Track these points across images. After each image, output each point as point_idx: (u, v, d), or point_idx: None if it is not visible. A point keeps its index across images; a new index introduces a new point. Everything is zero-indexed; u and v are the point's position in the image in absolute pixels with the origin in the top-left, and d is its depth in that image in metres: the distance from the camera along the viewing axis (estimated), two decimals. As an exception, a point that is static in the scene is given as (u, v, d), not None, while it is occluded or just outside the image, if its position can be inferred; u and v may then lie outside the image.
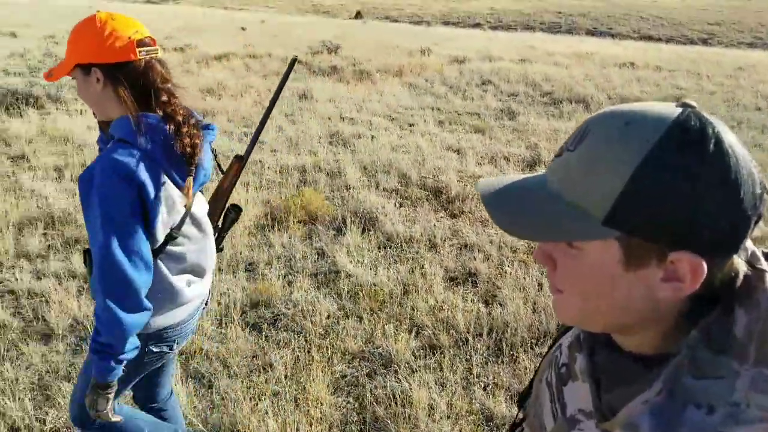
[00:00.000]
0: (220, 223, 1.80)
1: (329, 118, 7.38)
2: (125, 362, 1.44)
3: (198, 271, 1.62)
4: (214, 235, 1.73)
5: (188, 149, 1.42)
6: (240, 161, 1.73)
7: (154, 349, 1.58)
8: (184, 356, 2.85)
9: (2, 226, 4.13)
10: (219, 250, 1.80)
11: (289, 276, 3.62)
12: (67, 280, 3.52)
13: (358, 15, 34.57)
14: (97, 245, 1.36)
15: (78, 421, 1.68)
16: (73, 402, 1.68)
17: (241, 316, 3.19)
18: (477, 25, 33.50)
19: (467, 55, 12.27)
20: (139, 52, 1.41)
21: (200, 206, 1.61)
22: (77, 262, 3.69)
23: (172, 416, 1.98)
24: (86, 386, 1.50)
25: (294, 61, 1.79)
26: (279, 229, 4.20)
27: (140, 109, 1.42)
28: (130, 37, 1.40)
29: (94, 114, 1.53)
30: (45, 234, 4.11)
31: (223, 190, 1.75)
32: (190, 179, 1.44)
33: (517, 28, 33.74)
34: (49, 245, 3.99)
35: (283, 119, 7.29)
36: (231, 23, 19.37)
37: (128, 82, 1.41)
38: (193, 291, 1.61)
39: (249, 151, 1.76)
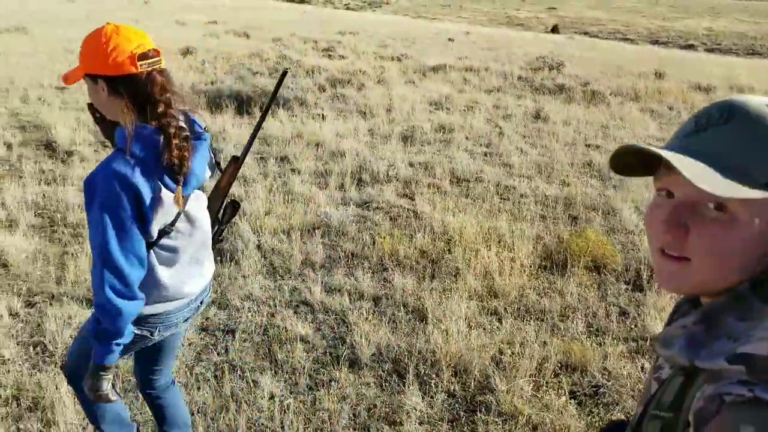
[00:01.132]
0: (220, 217, 1.94)
1: (573, 144, 6.86)
2: (122, 347, 1.62)
3: (192, 265, 1.78)
4: (214, 227, 1.90)
5: (175, 161, 1.53)
6: (236, 162, 1.86)
7: (136, 331, 1.69)
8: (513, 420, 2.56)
9: (286, 230, 4.27)
10: (219, 241, 1.98)
11: (596, 336, 3.20)
12: (358, 299, 3.47)
13: (555, 29, 33.35)
14: (97, 244, 1.52)
15: (71, 380, 2.00)
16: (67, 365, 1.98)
17: (554, 377, 2.84)
18: (689, 47, 30.45)
19: (711, 82, 10.92)
20: (141, 65, 1.52)
21: (196, 204, 1.74)
22: (362, 278, 3.64)
23: (170, 404, 2.15)
24: (80, 351, 1.83)
25: (285, 73, 1.86)
26: (561, 274, 3.80)
27: (140, 119, 1.55)
28: (132, 51, 1.51)
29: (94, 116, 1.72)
30: (324, 243, 4.16)
31: (221, 187, 1.89)
32: (179, 188, 1.56)
33: (738, 52, 30.06)
34: (329, 255, 4.02)
35: (519, 140, 6.93)
36: (435, 33, 19.59)
37: (129, 94, 1.54)
38: (184, 288, 1.77)
39: (245, 153, 1.88)
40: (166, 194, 1.57)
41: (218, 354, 3.01)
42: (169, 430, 2.19)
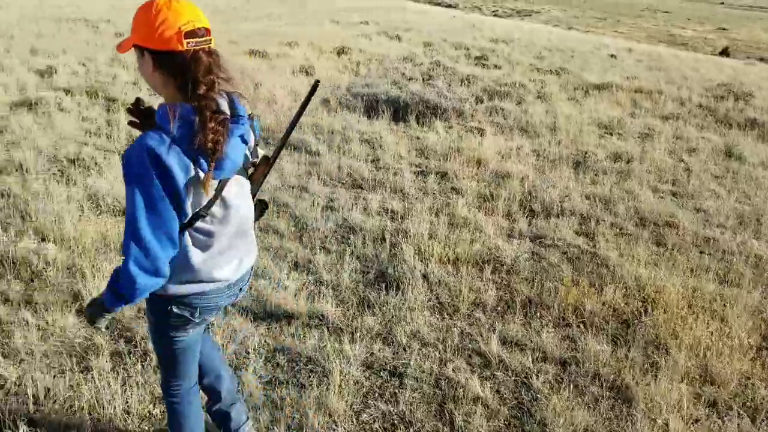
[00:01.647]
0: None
1: (780, 193, 5.85)
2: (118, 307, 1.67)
3: (226, 252, 1.75)
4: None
5: (209, 144, 1.49)
6: (267, 162, 1.84)
7: (175, 310, 1.76)
8: None
9: (452, 259, 3.92)
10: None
11: None
12: (540, 360, 3.02)
13: (725, 52, 30.28)
14: (127, 216, 1.51)
15: (161, 386, 2.05)
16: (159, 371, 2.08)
17: None
18: None
19: None
20: (187, 42, 1.47)
21: (237, 191, 1.71)
22: (543, 333, 3.18)
23: (202, 353, 2.09)
24: (156, 343, 1.95)
25: (316, 85, 1.78)
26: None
27: (181, 97, 1.52)
28: (180, 28, 1.46)
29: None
30: (495, 281, 3.75)
31: (253, 182, 1.84)
32: (210, 173, 1.52)
33: None
34: (501, 297, 3.60)
35: (711, 180, 6.04)
36: (595, 47, 18.42)
37: (173, 71, 1.51)
38: (219, 273, 1.74)
39: (276, 155, 1.84)
40: (200, 176, 1.54)
41: (386, 402, 2.70)
42: (203, 381, 2.19)
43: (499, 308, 3.52)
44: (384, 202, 4.83)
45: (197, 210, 1.61)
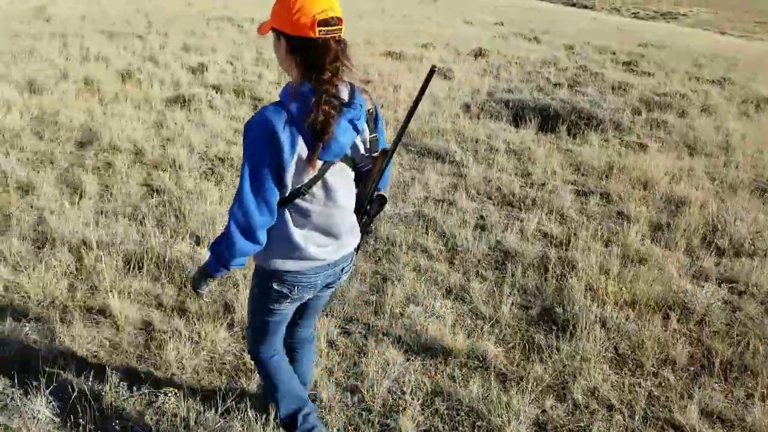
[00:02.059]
0: (368, 208, 1.93)
1: None
2: (230, 269, 1.79)
3: (323, 234, 1.82)
4: (363, 218, 1.96)
5: (318, 126, 1.57)
6: (385, 154, 1.81)
7: (275, 287, 1.87)
8: None
9: (629, 302, 3.40)
10: (367, 232, 2.04)
11: None
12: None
13: None
14: (241, 175, 1.65)
15: (251, 353, 2.20)
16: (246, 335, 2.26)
17: None
18: None
19: None
20: (319, 30, 1.56)
21: (339, 177, 1.76)
22: (754, 410, 2.60)
23: (300, 360, 2.28)
24: (253, 314, 2.06)
25: (432, 71, 1.66)
26: None
27: (306, 78, 1.62)
28: (314, 16, 1.55)
29: None
30: (683, 333, 3.19)
31: (371, 175, 1.84)
32: (316, 152, 1.60)
33: None
34: (692, 354, 3.04)
35: None
36: (762, 54, 16.47)
37: (303, 55, 1.61)
38: (316, 251, 1.82)
39: (395, 146, 1.77)
40: (305, 154, 1.62)
41: (569, 478, 2.29)
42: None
43: (692, 368, 2.96)
44: (541, 225, 4.38)
45: (298, 186, 1.69)
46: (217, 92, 7.28)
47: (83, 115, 5.99)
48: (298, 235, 1.78)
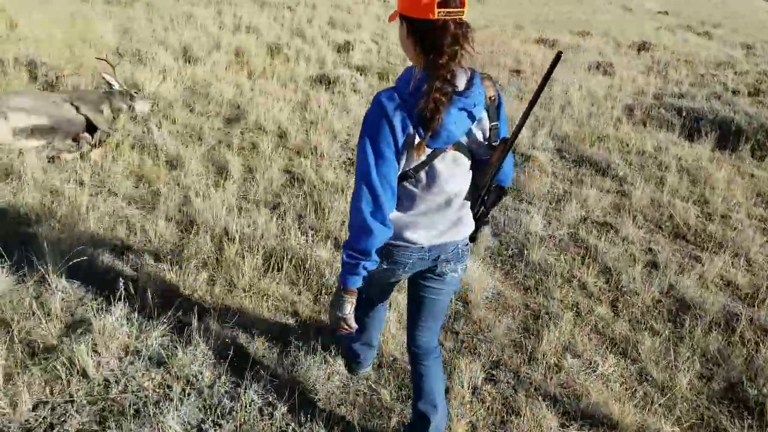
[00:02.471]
0: (485, 198, 1.90)
1: None
2: (366, 272, 1.77)
3: (425, 219, 1.82)
4: (480, 208, 1.93)
5: (427, 113, 1.58)
6: (505, 143, 1.75)
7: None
8: None
9: None
10: (484, 222, 1.98)
11: None
12: None
13: None
14: (359, 167, 1.67)
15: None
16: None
17: None
18: None
19: None
20: (439, 12, 1.53)
21: (449, 164, 1.74)
22: None
23: (428, 374, 2.14)
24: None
25: (558, 58, 1.55)
26: None
27: (422, 63, 1.62)
28: None
29: None
30: None
31: (489, 164, 1.79)
32: (424, 139, 1.61)
33: None
34: None
35: None
36: None
37: (422, 37, 1.60)
38: (413, 235, 1.82)
39: (515, 135, 1.70)
40: (415, 140, 1.63)
41: None
42: (418, 404, 2.16)
43: None
44: (725, 271, 3.73)
45: (406, 170, 1.71)
46: (361, 74, 7.11)
47: (232, 89, 6.06)
48: (395, 215, 1.81)
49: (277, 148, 4.95)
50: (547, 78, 1.58)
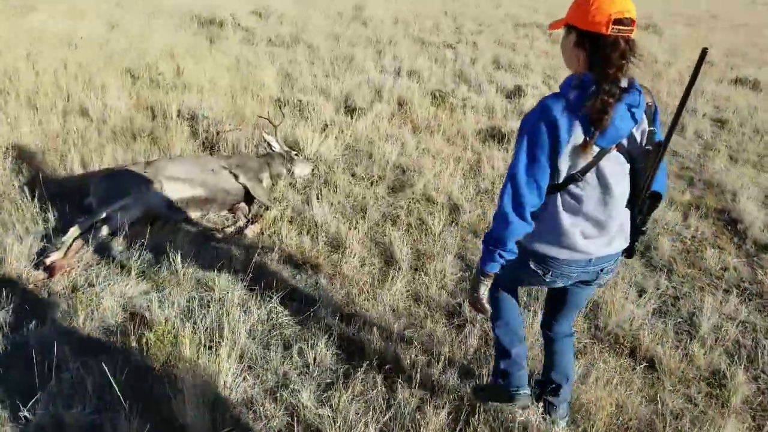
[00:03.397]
0: (640, 204, 1.93)
1: None
2: (504, 261, 1.93)
3: (593, 224, 1.90)
4: (637, 216, 1.96)
5: (594, 114, 1.71)
6: (659, 146, 1.80)
7: (531, 266, 2.02)
8: None
9: None
10: (642, 232, 2.00)
11: None
12: None
13: None
14: (512, 162, 1.82)
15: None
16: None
17: None
18: None
19: None
20: (612, 28, 1.69)
21: (615, 166, 1.83)
22: None
23: (560, 352, 2.39)
24: (508, 274, 2.11)
25: (704, 54, 1.67)
26: None
27: (588, 70, 1.77)
28: (610, 15, 1.69)
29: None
30: None
31: (645, 169, 1.84)
32: (593, 138, 1.73)
33: None
34: None
35: None
36: None
37: (592, 49, 1.75)
38: (582, 242, 1.91)
39: (668, 138, 1.79)
40: (580, 140, 1.74)
41: None
42: (551, 374, 2.43)
43: None
44: None
45: (573, 173, 1.81)
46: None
47: (396, 148, 5.47)
48: (568, 222, 1.89)
49: (449, 226, 4.24)
50: (694, 78, 1.68)
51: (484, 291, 2.01)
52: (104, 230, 3.76)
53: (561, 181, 1.83)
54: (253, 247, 3.80)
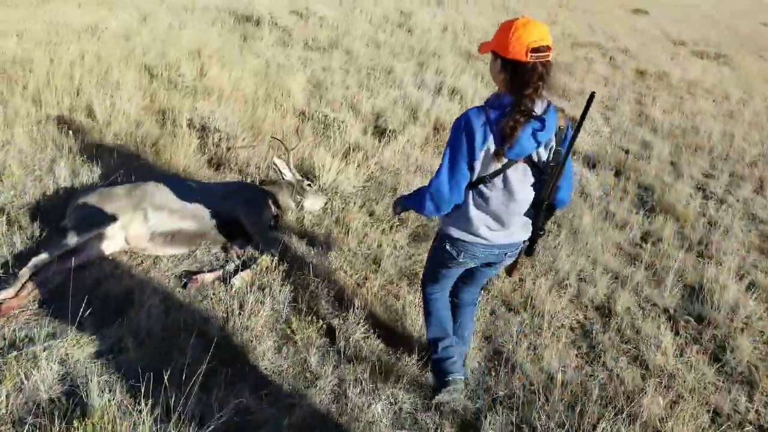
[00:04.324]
0: (544, 211, 2.29)
1: None
2: (411, 211, 2.71)
3: (495, 220, 2.31)
4: (539, 218, 2.31)
5: (506, 131, 2.06)
6: (561, 165, 2.13)
7: (447, 247, 2.45)
8: None
9: None
10: (540, 234, 2.36)
11: None
12: None
13: None
14: (441, 161, 2.22)
15: (422, 286, 2.83)
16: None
17: None
18: None
19: None
20: (530, 56, 2.01)
21: (520, 177, 2.21)
22: None
23: (462, 315, 2.84)
24: (429, 263, 2.74)
25: (591, 97, 2.03)
26: None
27: (509, 91, 2.12)
28: (528, 44, 2.00)
29: None
30: None
31: (548, 182, 2.19)
32: (502, 150, 2.10)
33: None
34: None
35: None
36: None
37: (513, 74, 2.08)
38: (487, 232, 2.33)
39: (565, 158, 2.11)
40: (492, 150, 2.12)
41: None
42: (456, 329, 2.82)
43: None
44: None
45: (483, 176, 2.19)
46: (592, 167, 5.45)
47: (425, 182, 4.78)
48: (475, 215, 2.30)
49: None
50: (582, 117, 2.08)
51: (399, 212, 2.64)
52: (70, 264, 3.21)
53: (474, 179, 2.21)
54: (232, 305, 3.16)
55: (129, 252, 3.54)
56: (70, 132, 4.83)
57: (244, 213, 3.74)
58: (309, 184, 4.29)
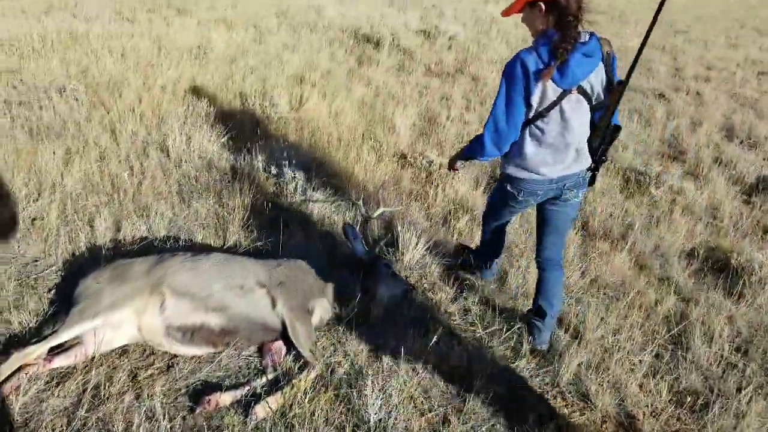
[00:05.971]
0: (604, 137, 2.53)
1: None
2: (470, 160, 2.84)
3: (553, 154, 2.52)
4: (600, 146, 2.56)
5: (558, 51, 2.30)
6: (621, 85, 2.38)
7: (508, 188, 2.70)
8: None
9: None
10: (602, 161, 2.63)
11: None
12: None
13: None
14: (495, 101, 2.45)
15: (482, 220, 3.24)
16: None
17: None
18: None
19: None
20: None
21: (574, 106, 2.43)
22: None
23: (548, 282, 2.91)
24: (490, 201, 3.11)
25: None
26: None
27: (553, 27, 2.35)
28: None
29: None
30: None
31: (607, 107, 2.43)
32: (552, 68, 2.32)
33: None
34: None
35: None
36: None
37: (555, 12, 2.34)
38: (542, 168, 2.56)
39: (628, 78, 2.33)
40: (548, 84, 2.34)
41: None
42: (539, 300, 2.94)
43: None
44: None
45: (540, 110, 2.41)
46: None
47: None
48: (533, 151, 2.51)
49: None
50: (655, 19, 2.16)
51: (459, 165, 2.95)
52: (68, 360, 2.55)
53: (531, 116, 2.45)
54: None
55: (143, 345, 2.83)
56: (133, 170, 4.34)
57: (288, 307, 2.88)
58: (386, 264, 3.34)
